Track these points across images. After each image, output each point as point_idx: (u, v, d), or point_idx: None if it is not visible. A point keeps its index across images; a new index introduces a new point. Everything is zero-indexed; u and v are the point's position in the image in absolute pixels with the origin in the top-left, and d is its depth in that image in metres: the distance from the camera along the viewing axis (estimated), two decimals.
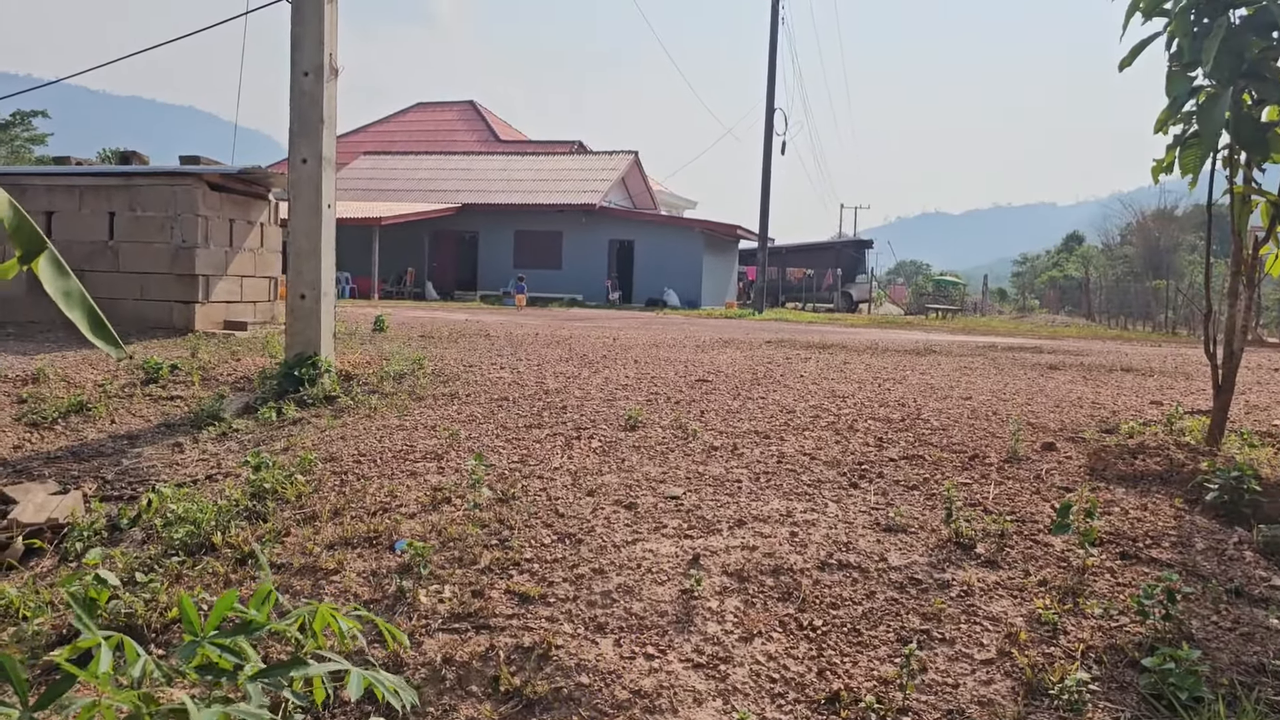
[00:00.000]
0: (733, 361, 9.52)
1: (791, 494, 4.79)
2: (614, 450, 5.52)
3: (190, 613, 2.52)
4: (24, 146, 40.75)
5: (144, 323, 10.54)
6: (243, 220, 11.44)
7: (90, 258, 10.77)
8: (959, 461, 5.30)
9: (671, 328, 17.51)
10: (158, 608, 3.93)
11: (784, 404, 6.80)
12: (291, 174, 8.06)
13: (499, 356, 9.51)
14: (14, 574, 4.78)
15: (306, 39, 7.93)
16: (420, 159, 41.67)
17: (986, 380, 8.37)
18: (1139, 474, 4.97)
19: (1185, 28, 5.10)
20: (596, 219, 35.14)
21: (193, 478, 5.93)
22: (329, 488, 5.09)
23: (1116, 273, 50.06)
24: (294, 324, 8.11)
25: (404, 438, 5.96)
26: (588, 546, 4.16)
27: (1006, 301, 65.29)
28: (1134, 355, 12.51)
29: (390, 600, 3.81)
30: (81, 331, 3.95)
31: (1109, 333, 26.10)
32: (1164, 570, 3.86)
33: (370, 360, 8.80)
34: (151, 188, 10.68)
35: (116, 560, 4.44)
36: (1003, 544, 4.18)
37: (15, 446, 6.59)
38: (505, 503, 4.65)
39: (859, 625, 3.62)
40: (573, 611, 3.69)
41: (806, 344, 12.68)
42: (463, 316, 19.01)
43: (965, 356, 11.07)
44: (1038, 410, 6.70)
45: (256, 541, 4.43)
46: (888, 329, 21.77)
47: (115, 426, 7.05)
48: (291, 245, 8.09)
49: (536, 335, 12.69)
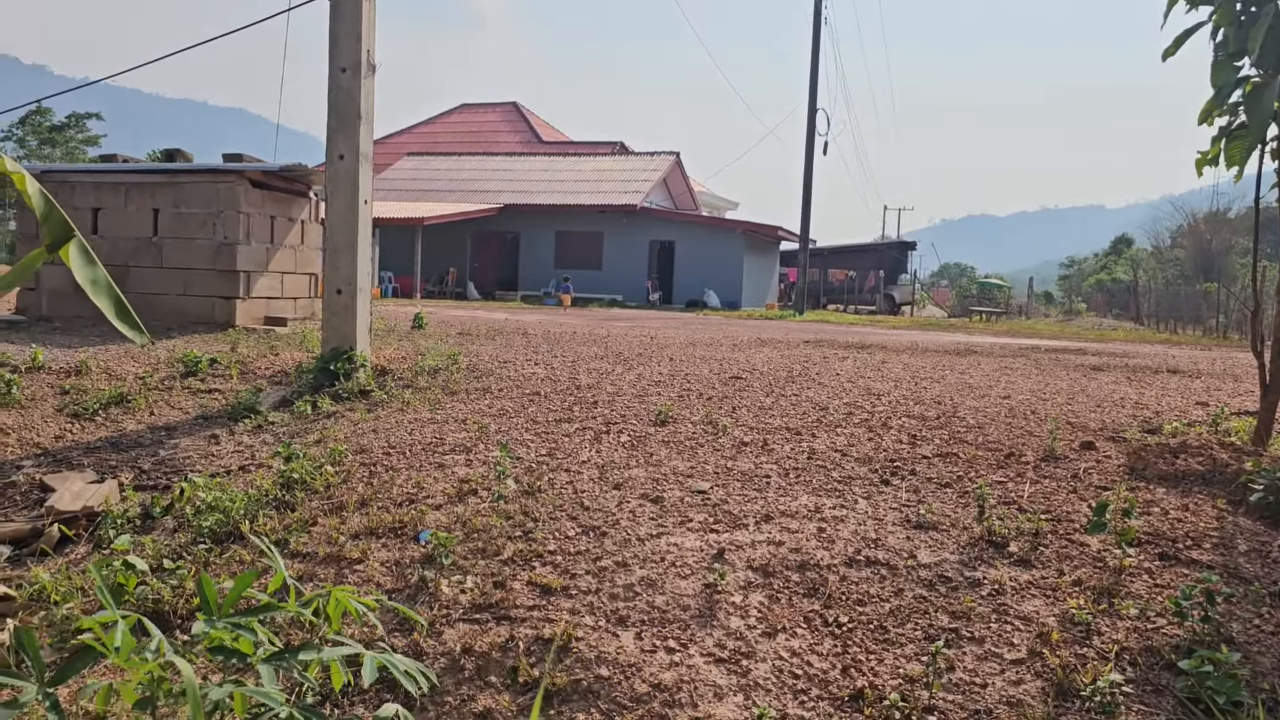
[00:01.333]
0: (769, 360, 9.44)
1: (821, 490, 4.71)
2: (643, 445, 5.48)
3: (209, 592, 2.52)
4: (79, 148, 41.68)
5: (186, 318, 10.68)
6: (284, 217, 11.56)
7: (135, 254, 10.94)
8: (994, 459, 5.19)
9: (710, 328, 17.44)
10: (184, 594, 3.96)
11: (818, 401, 6.72)
12: (329, 170, 8.12)
13: (534, 353, 9.51)
14: (48, 560, 4.85)
15: (344, 36, 7.99)
16: (463, 159, 41.95)
17: (1027, 380, 8.22)
18: (1180, 474, 4.83)
19: (1230, 16, 4.95)
20: (637, 220, 35.14)
21: (226, 468, 5.98)
22: (357, 479, 5.10)
23: (1166, 276, 49.12)
24: (330, 319, 8.17)
25: (434, 431, 5.97)
26: (612, 539, 4.13)
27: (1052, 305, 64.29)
28: (1181, 358, 12.24)
29: (412, 590, 3.80)
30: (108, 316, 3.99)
31: (1157, 336, 25.58)
32: (1204, 572, 3.74)
33: (406, 355, 8.85)
34: (195, 185, 10.83)
35: (146, 547, 4.48)
36: (1036, 543, 4.08)
37: (56, 436, 6.70)
38: (531, 495, 4.63)
39: (885, 622, 3.55)
40: (594, 604, 3.66)
41: (845, 344, 12.56)
42: (502, 316, 19.09)
43: (1006, 357, 10.89)
44: (1078, 410, 6.56)
45: (284, 530, 4.45)
46: (929, 331, 21.51)
47: (154, 418, 7.15)
48: (328, 241, 8.15)
49: (574, 333, 12.69)
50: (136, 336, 4.01)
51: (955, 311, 50.92)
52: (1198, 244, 54.32)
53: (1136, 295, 43.94)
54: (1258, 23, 4.64)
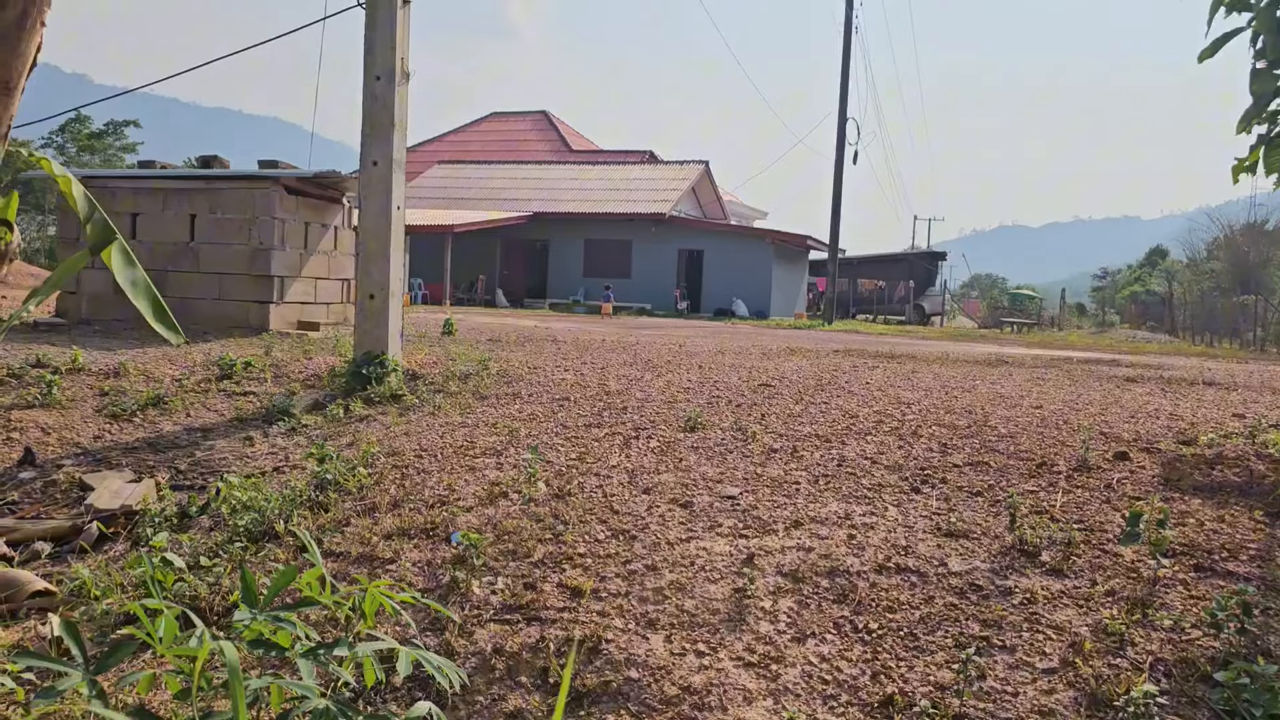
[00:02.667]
0: (798, 369, 9.43)
1: (850, 497, 4.71)
2: (672, 450, 5.50)
3: (250, 584, 2.56)
4: (116, 155, 42.27)
5: (221, 322, 10.83)
6: (317, 223, 11.70)
7: (173, 258, 11.11)
8: (1026, 469, 5.16)
9: (739, 336, 17.44)
10: (220, 591, 4.02)
11: (847, 409, 6.71)
12: (362, 176, 8.22)
13: (564, 360, 9.56)
14: (87, 557, 4.93)
15: (379, 44, 8.09)
16: (493, 168, 42.23)
17: (1059, 390, 8.16)
18: (1216, 485, 4.78)
19: (1270, 23, 4.90)
20: (666, 228, 35.20)
21: (261, 469, 6.06)
22: (389, 480, 5.16)
23: (1202, 288, 48.51)
24: (362, 323, 8.26)
25: (465, 434, 6.02)
26: (641, 543, 4.14)
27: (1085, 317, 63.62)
28: (1218, 370, 12.09)
29: (444, 590, 3.84)
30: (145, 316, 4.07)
31: (1193, 349, 25.26)
32: (1241, 584, 3.70)
33: (437, 360, 8.92)
34: (231, 190, 10.99)
35: (184, 545, 4.55)
36: (1069, 552, 4.05)
37: (95, 436, 6.81)
38: (561, 498, 4.66)
39: (916, 629, 3.54)
40: (624, 606, 3.67)
41: (875, 354, 12.52)
42: (532, 323, 19.19)
43: (1038, 368, 10.81)
44: (1111, 420, 6.50)
45: (318, 530, 4.51)
46: (960, 341, 21.39)
47: (190, 419, 7.25)
48: (360, 247, 8.24)
49: (603, 341, 12.73)
50: (173, 337, 4.10)
51: (986, 323, 50.52)
52: (1234, 256, 53.59)
53: (1171, 307, 43.44)
54: None
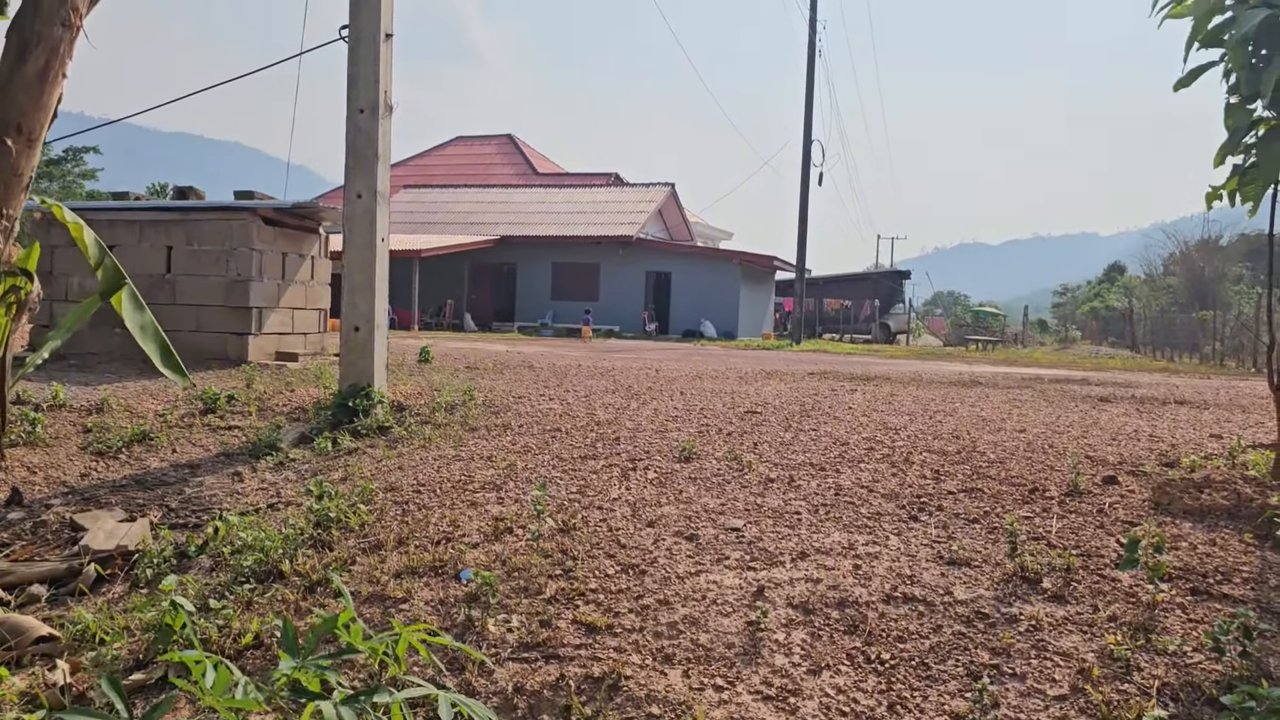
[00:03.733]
0: (778, 393, 9.53)
1: (852, 526, 4.78)
2: (670, 481, 5.55)
3: (290, 634, 2.58)
4: (75, 182, 41.79)
5: (199, 354, 10.74)
6: (294, 254, 11.66)
7: (149, 290, 11.01)
8: (1019, 495, 5.27)
9: (711, 359, 17.55)
10: (231, 634, 4.00)
11: (836, 436, 6.80)
12: (346, 209, 8.22)
13: (546, 388, 9.59)
14: (86, 600, 4.87)
15: (362, 78, 8.12)
16: (460, 191, 42.23)
17: (1038, 413, 8.31)
18: (1205, 509, 4.91)
19: (1242, 60, 5.08)
20: (633, 251, 35.37)
21: (254, 506, 6.02)
22: (391, 517, 5.16)
23: (1160, 303, 49.50)
24: (348, 355, 8.24)
25: (461, 468, 6.03)
26: (651, 577, 4.19)
27: (1047, 333, 64.62)
28: (1185, 387, 12.36)
29: (459, 629, 3.85)
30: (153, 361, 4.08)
31: (1155, 364, 25.76)
32: (1237, 606, 3.81)
33: (421, 391, 8.91)
34: (208, 222, 10.93)
35: (189, 586, 4.52)
36: (1069, 578, 4.15)
37: (82, 474, 6.73)
38: (567, 533, 4.69)
39: (927, 659, 3.61)
40: (640, 642, 3.71)
41: (850, 375, 12.66)
42: (503, 348, 19.18)
43: (1012, 389, 11.00)
44: (1094, 443, 6.64)
45: (324, 568, 4.50)
46: (928, 360, 21.65)
47: (177, 455, 7.19)
48: (346, 279, 8.23)
49: (579, 367, 12.77)
50: (180, 380, 4.11)
51: (950, 340, 51.15)
52: (1190, 271, 54.79)
53: (1131, 323, 44.26)
54: (1270, 68, 4.77)
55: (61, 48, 2.99)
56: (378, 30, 8.12)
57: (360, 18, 8.17)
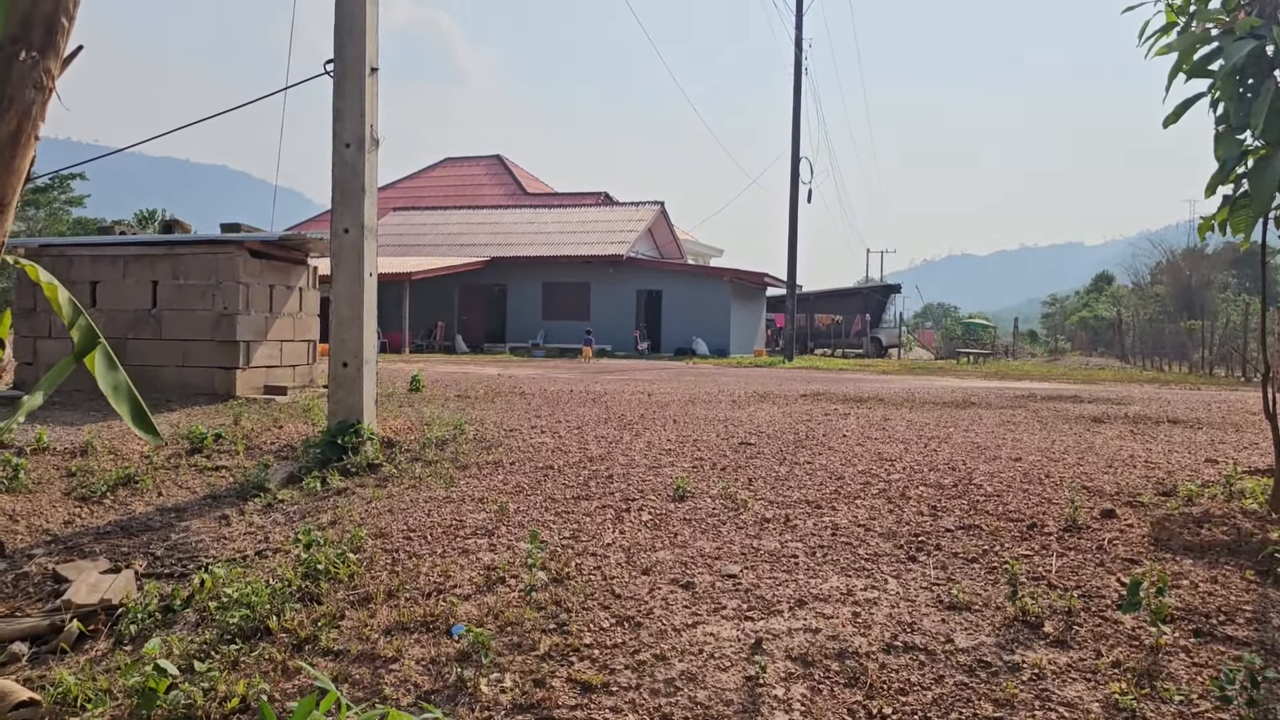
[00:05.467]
0: (772, 420, 9.47)
1: (849, 569, 4.71)
2: (665, 523, 5.47)
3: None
4: (62, 209, 41.58)
5: (186, 389, 10.64)
6: (282, 285, 11.57)
7: (134, 326, 10.92)
8: (1017, 531, 5.21)
9: (704, 379, 17.49)
10: (216, 697, 3.90)
11: (831, 469, 6.73)
12: (334, 243, 8.15)
13: (538, 418, 9.51)
14: (68, 658, 4.77)
15: (348, 112, 8.07)
16: (449, 213, 42.19)
17: (1032, 437, 8.27)
18: (1205, 544, 4.85)
19: (1230, 91, 5.06)
20: (624, 270, 35.35)
21: (241, 553, 5.93)
22: (381, 566, 5.07)
23: (1149, 312, 49.66)
24: (336, 391, 8.15)
25: (452, 511, 5.95)
26: (647, 630, 4.11)
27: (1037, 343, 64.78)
28: (1177, 402, 12.35)
29: (451, 690, 3.76)
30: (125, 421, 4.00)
31: (1144, 375, 25.79)
32: (1241, 649, 3.75)
33: (411, 426, 8.83)
34: (194, 256, 10.85)
35: (173, 645, 4.42)
36: (1071, 622, 4.09)
37: (66, 522, 6.63)
38: (560, 583, 4.60)
39: (930, 713, 3.53)
40: (636, 701, 3.63)
41: (843, 397, 12.61)
42: (494, 371, 19.09)
43: (1005, 409, 10.96)
44: (1090, 471, 6.59)
45: (312, 624, 4.41)
46: (920, 375, 21.64)
47: (162, 499, 7.09)
48: (334, 313, 8.16)
49: (571, 392, 12.70)
50: (151, 439, 4.03)
51: (941, 353, 51.22)
52: (1177, 280, 55.05)
53: (1120, 333, 44.36)
54: (1259, 98, 4.74)
55: (34, 110, 2.92)
56: (363, 65, 8.08)
57: (345, 52, 8.12)
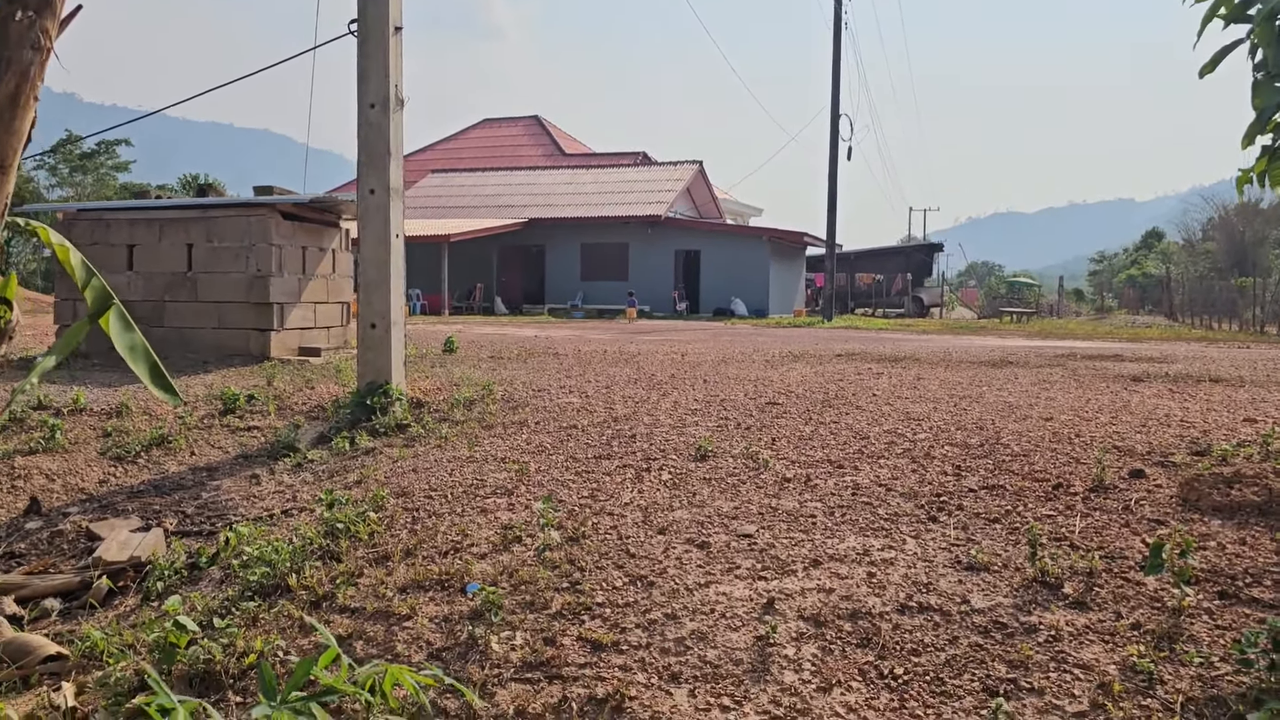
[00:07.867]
0: (803, 379, 9.38)
1: (868, 529, 4.67)
2: (685, 483, 5.45)
3: (269, 678, 2.52)
4: (109, 174, 42.17)
5: (222, 351, 10.78)
6: (315, 247, 11.65)
7: (170, 288, 11.06)
8: (1042, 491, 5.12)
9: (740, 339, 17.40)
10: (235, 653, 3.97)
11: (857, 429, 6.66)
12: (360, 205, 8.17)
13: (567, 378, 9.51)
14: (97, 614, 4.89)
15: (373, 72, 8.04)
16: (487, 175, 42.18)
17: (1067, 396, 8.11)
18: (1235, 505, 4.73)
19: (1269, 36, 4.85)
20: (662, 230, 35.17)
21: (269, 511, 6.02)
22: (401, 525, 5.11)
23: (1199, 269, 48.52)
24: (365, 353, 8.21)
25: (474, 470, 5.97)
26: (660, 590, 4.10)
27: (1083, 302, 63.62)
28: (1222, 360, 12.05)
29: (463, 647, 3.79)
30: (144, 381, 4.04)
31: (1193, 333, 25.24)
32: (1267, 611, 3.66)
33: (440, 386, 8.87)
34: (227, 219, 10.94)
35: (195, 602, 4.50)
36: (1091, 583, 4.01)
37: (100, 481, 6.77)
38: (575, 542, 4.61)
39: (942, 674, 3.49)
40: (646, 660, 3.63)
41: (878, 356, 12.47)
42: (531, 332, 19.13)
43: (1043, 368, 10.76)
44: (1122, 430, 6.46)
45: (330, 582, 4.46)
46: (960, 335, 21.35)
47: (195, 459, 7.21)
48: (361, 276, 8.19)
49: (604, 353, 12.68)
50: (170, 399, 4.06)
51: (985, 312, 50.52)
52: (1229, 236, 53.64)
53: (1169, 290, 43.42)
54: None
55: (32, 71, 2.93)
56: (386, 24, 8.03)
57: (369, 11, 8.08)
